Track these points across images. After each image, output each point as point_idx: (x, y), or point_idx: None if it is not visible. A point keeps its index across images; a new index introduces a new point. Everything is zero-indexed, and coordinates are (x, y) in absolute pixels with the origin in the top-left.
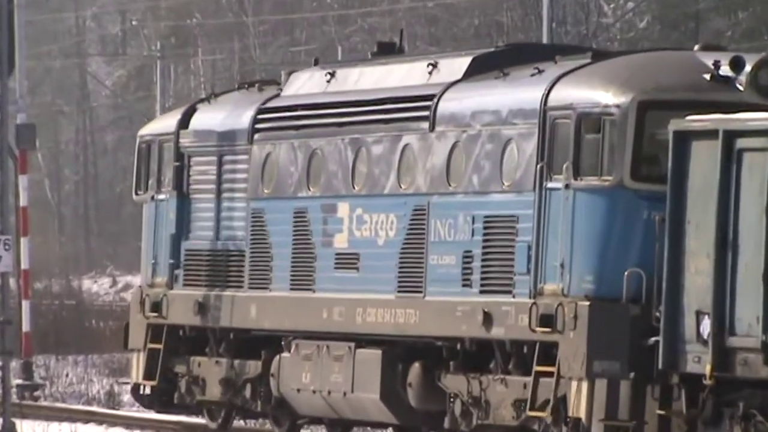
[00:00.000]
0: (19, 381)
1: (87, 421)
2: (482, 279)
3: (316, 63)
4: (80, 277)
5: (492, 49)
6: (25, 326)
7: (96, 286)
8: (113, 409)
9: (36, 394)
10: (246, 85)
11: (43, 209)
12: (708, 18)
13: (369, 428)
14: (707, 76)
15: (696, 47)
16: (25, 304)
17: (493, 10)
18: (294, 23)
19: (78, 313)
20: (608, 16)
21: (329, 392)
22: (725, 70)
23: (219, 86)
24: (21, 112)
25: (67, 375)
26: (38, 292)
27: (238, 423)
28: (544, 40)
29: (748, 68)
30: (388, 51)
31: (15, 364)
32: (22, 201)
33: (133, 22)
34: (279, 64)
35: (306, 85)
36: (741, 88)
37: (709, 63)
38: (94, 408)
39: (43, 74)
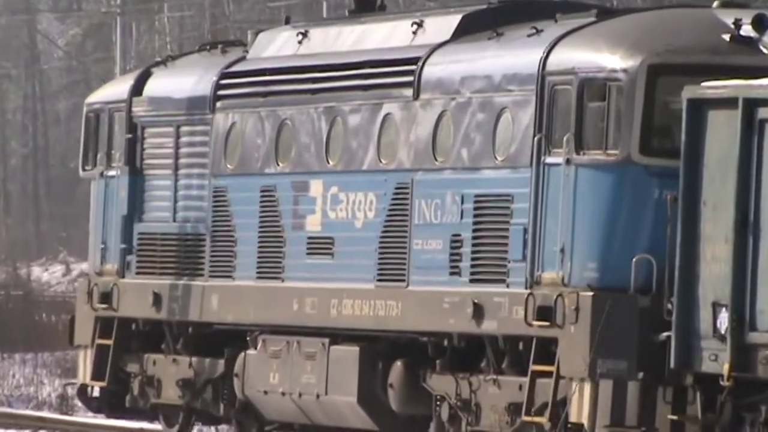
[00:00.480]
0: None
1: (37, 429)
2: (472, 266)
3: (287, 21)
4: (29, 264)
5: (484, 6)
6: None
7: (47, 275)
8: (66, 414)
9: None
10: (208, 47)
11: None
12: None
13: None
14: (727, 37)
15: (715, 4)
16: None
17: None
18: None
19: (26, 305)
20: None
21: (300, 395)
22: (747, 29)
23: (187, 47)
24: None
25: (13, 376)
26: None
27: (198, 429)
28: None
29: None
30: (368, 8)
31: None
32: None
33: None
34: (256, 22)
35: (275, 46)
36: (765, 50)
37: (729, 22)
38: (45, 413)
39: None
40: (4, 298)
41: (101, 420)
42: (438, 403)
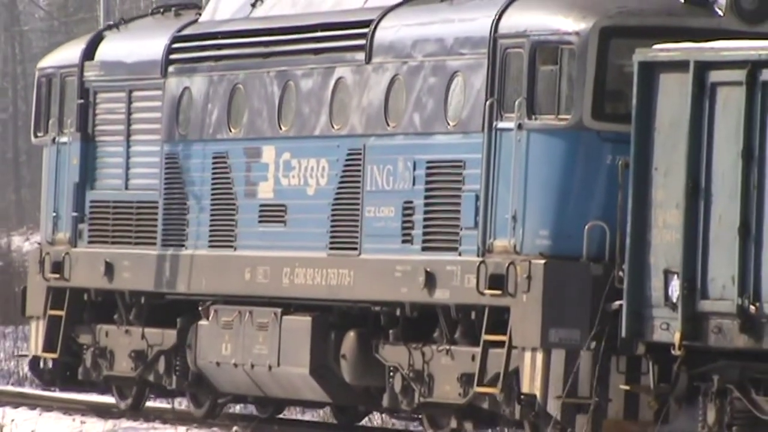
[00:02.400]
0: None
1: (17, 405)
2: (424, 234)
3: None
4: (9, 234)
5: None
6: None
7: (27, 245)
8: (48, 390)
9: None
10: (161, 10)
11: None
12: None
13: (302, 408)
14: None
15: None
16: None
17: None
18: None
19: (6, 277)
20: None
21: (252, 366)
22: None
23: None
24: None
25: (8, 350)
26: None
27: (152, 402)
28: None
29: None
30: None
31: None
32: None
33: None
34: None
35: (228, 9)
36: (720, 12)
37: None
38: (26, 389)
39: None
40: None
41: (85, 396)
42: (391, 374)
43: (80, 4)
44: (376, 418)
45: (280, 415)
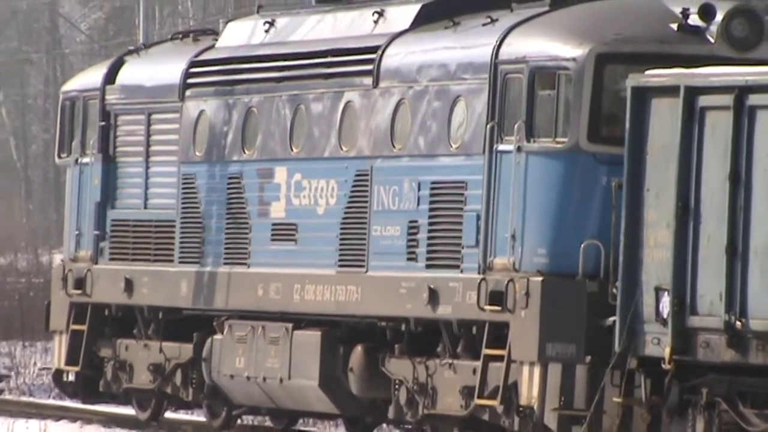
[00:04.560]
0: None
1: (59, 418)
2: (428, 252)
3: (259, 9)
4: (50, 252)
5: None
6: None
7: None
8: (89, 403)
9: (0, 386)
10: (180, 36)
11: (8, 172)
12: None
13: (314, 419)
14: (674, 26)
15: None
16: None
17: None
18: None
19: (48, 293)
20: None
21: (265, 379)
22: (694, 19)
23: (194, 33)
24: None
25: (35, 365)
26: (1, 268)
27: (170, 414)
28: None
29: (719, 17)
30: None
31: None
32: None
33: None
34: (282, 5)
35: (243, 35)
36: (711, 39)
37: (677, 11)
38: (67, 403)
39: (8, 17)
40: (25, 287)
41: (122, 410)
42: (396, 386)
43: (120, 28)
44: (384, 430)
45: (294, 427)
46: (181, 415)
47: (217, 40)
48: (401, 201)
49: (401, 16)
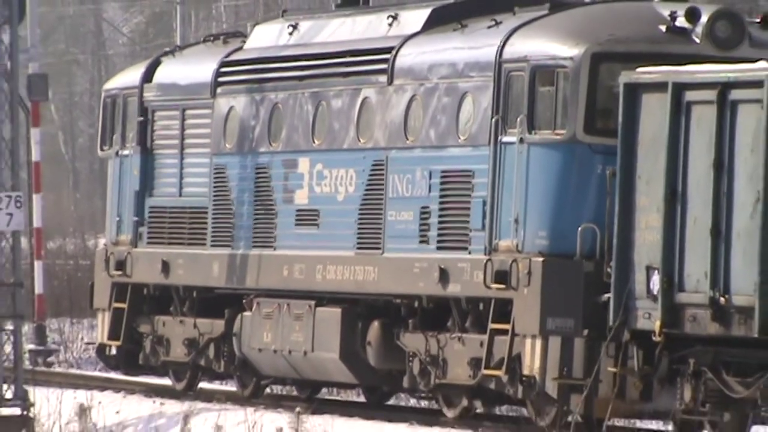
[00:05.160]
0: (32, 346)
1: (104, 389)
2: (439, 235)
3: (283, 14)
4: (96, 236)
5: (452, 0)
6: (38, 288)
7: None
8: (130, 375)
9: (50, 360)
10: (211, 38)
11: (57, 164)
12: None
13: (336, 389)
14: (663, 28)
15: None
16: (38, 265)
17: None
18: None
19: (92, 275)
20: None
21: (290, 351)
22: (681, 21)
23: (224, 36)
24: (33, 61)
25: (82, 339)
26: (51, 252)
27: (204, 384)
28: None
29: (704, 19)
30: (352, 2)
31: (27, 329)
32: (35, 156)
33: None
34: (306, 10)
35: (269, 37)
36: (697, 40)
37: (666, 14)
38: (112, 374)
39: (55, 22)
40: (73, 268)
41: (161, 380)
42: (410, 358)
43: (158, 31)
44: (401, 398)
45: (317, 396)
46: (214, 386)
47: (245, 42)
48: (414, 188)
49: (413, 20)
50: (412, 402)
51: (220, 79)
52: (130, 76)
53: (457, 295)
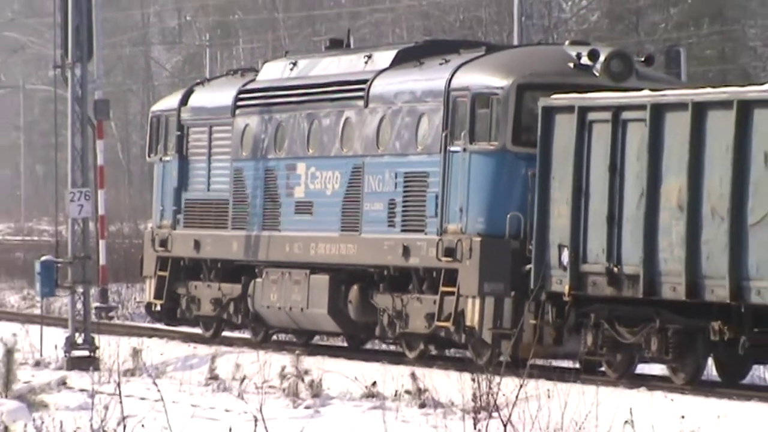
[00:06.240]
0: (97, 304)
1: (151, 336)
2: (402, 221)
3: (286, 54)
4: (145, 221)
5: (413, 44)
6: (102, 260)
7: None
8: (170, 325)
9: (110, 314)
10: (232, 72)
11: (116, 168)
12: (646, 13)
13: (325, 336)
14: (571, 65)
15: (566, 43)
16: (102, 243)
17: (474, 7)
18: (315, 18)
19: (142, 250)
20: (566, 12)
21: (290, 308)
22: (585, 60)
23: (241, 70)
24: (98, 89)
25: (135, 299)
26: (112, 233)
27: (226, 332)
28: (515, 33)
29: (602, 58)
30: (338, 45)
31: (93, 291)
32: (99, 161)
33: (187, 18)
34: (303, 51)
35: (275, 72)
36: (597, 74)
37: (574, 54)
38: (157, 325)
39: (115, 60)
40: (128, 245)
41: (194, 330)
42: (381, 313)
43: (192, 67)
44: (374, 343)
45: (311, 341)
46: (234, 334)
47: (257, 75)
48: (384, 186)
49: (384, 59)
50: (383, 346)
51: (238, 103)
52: (171, 101)
53: (416, 266)
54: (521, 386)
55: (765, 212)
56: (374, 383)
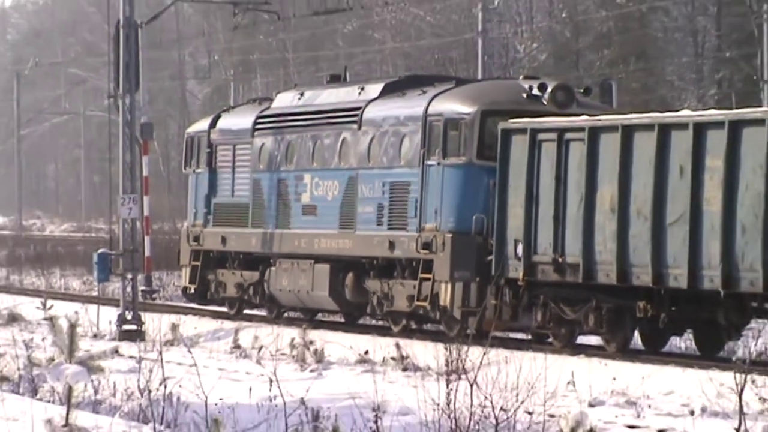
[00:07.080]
0: (143, 288)
1: (186, 313)
2: (389, 221)
3: (295, 86)
4: (182, 221)
5: (397, 78)
6: (147, 252)
7: None
8: (202, 305)
9: (154, 296)
10: (251, 101)
11: (158, 178)
12: (585, 53)
13: (327, 313)
14: (524, 95)
15: (520, 77)
16: (147, 239)
17: (446, 48)
18: (319, 58)
19: (179, 244)
20: (520, 53)
21: (298, 291)
22: (536, 91)
23: (258, 99)
24: (144, 115)
25: (174, 284)
26: (155, 230)
27: (247, 311)
28: (479, 69)
29: (549, 90)
30: (336, 80)
31: (140, 277)
32: (145, 172)
33: (215, 57)
34: (309, 84)
35: (286, 101)
36: (545, 102)
37: (527, 87)
38: (191, 305)
39: (157, 91)
40: (168, 240)
41: (222, 309)
42: (371, 295)
43: (219, 97)
44: (366, 319)
45: (315, 318)
46: (253, 312)
47: (272, 103)
48: (374, 193)
49: (373, 90)
50: (373, 322)
51: (257, 126)
52: (202, 124)
53: (400, 257)
54: (484, 353)
55: (680, 213)
56: (366, 351)
